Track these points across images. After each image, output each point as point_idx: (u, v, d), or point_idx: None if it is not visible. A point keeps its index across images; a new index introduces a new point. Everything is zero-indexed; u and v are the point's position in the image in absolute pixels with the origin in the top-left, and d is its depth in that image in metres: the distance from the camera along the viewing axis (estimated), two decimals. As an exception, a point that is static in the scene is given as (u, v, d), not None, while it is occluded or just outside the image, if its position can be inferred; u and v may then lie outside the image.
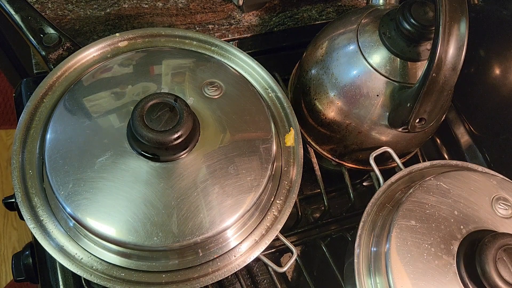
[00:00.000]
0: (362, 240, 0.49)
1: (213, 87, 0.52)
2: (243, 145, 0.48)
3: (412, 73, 0.53)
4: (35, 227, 0.46)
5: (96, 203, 0.44)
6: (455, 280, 0.42)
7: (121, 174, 0.45)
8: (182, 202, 0.44)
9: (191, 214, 0.44)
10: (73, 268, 0.45)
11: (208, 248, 0.47)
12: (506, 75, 0.69)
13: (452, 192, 0.47)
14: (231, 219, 0.45)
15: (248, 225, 0.49)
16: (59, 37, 0.55)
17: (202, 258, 0.47)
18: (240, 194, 0.46)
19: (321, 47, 0.59)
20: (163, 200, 0.44)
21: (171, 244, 0.43)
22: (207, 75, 0.52)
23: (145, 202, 0.44)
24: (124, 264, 0.46)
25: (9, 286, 0.92)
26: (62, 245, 0.46)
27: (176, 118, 0.43)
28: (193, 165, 0.46)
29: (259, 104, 0.52)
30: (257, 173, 0.47)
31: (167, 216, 0.44)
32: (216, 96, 0.51)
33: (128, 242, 0.43)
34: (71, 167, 0.45)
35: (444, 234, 0.44)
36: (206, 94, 0.51)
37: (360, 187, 0.74)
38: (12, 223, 1.37)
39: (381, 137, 0.57)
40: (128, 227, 0.43)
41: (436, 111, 0.50)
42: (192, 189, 0.45)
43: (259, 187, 0.47)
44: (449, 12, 0.44)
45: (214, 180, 0.46)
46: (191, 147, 0.47)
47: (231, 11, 0.76)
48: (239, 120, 0.50)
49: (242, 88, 0.53)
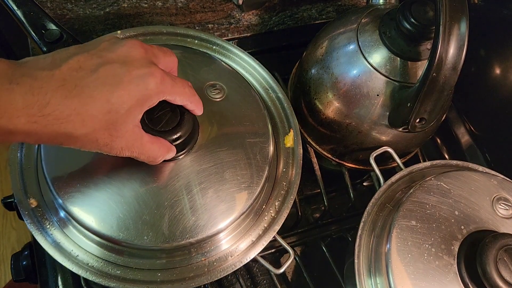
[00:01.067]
0: (363, 240, 0.49)
1: (216, 89, 0.51)
2: (240, 151, 0.48)
3: (412, 73, 0.53)
4: (31, 222, 0.46)
5: (88, 196, 0.43)
6: (456, 280, 0.42)
7: (116, 171, 0.45)
8: (175, 203, 0.44)
9: (184, 216, 0.44)
10: (68, 264, 0.45)
11: (201, 249, 0.47)
12: (506, 74, 0.69)
13: (453, 192, 0.47)
14: (223, 223, 0.45)
15: (242, 228, 0.49)
16: (60, 33, 0.54)
17: (195, 258, 0.47)
18: (234, 200, 0.46)
19: (321, 47, 0.59)
20: (156, 199, 0.44)
21: (161, 244, 0.43)
22: (210, 77, 0.52)
23: (138, 200, 0.44)
24: (114, 260, 0.46)
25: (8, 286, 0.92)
26: (59, 242, 0.46)
27: (176, 119, 0.43)
28: (190, 167, 0.46)
29: (259, 110, 0.52)
30: (252, 179, 0.47)
31: (159, 216, 0.44)
32: (218, 99, 0.51)
33: (117, 238, 0.43)
34: (67, 160, 0.45)
35: (445, 234, 0.44)
36: (208, 96, 0.51)
37: (360, 187, 0.73)
38: (11, 223, 1.37)
39: (381, 137, 0.57)
40: (118, 223, 0.43)
41: (437, 111, 0.50)
42: (186, 191, 0.45)
43: (253, 194, 0.47)
44: (450, 12, 0.44)
45: (209, 184, 0.46)
46: (188, 148, 0.46)
47: (231, 10, 0.76)
48: (238, 125, 0.50)
49: (244, 92, 0.53)
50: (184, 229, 0.44)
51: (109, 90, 0.36)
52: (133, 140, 0.39)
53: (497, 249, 0.41)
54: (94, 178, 0.44)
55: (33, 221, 0.46)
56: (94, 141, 0.37)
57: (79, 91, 0.34)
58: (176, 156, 0.46)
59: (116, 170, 0.45)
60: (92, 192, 0.44)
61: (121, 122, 0.37)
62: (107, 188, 0.44)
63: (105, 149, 0.38)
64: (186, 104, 0.43)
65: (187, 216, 0.44)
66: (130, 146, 0.39)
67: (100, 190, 0.44)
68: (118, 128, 0.37)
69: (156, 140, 0.41)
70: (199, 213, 0.44)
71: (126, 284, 0.44)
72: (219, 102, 0.51)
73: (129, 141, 0.39)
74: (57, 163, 0.45)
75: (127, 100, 0.36)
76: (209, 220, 0.44)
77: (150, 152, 0.41)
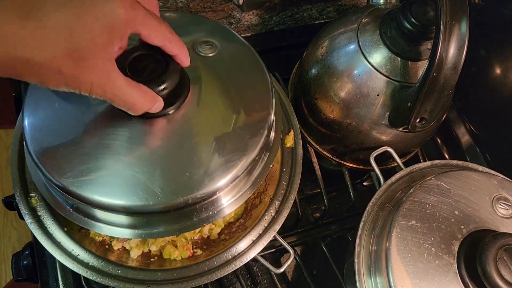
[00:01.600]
0: (363, 240, 0.49)
1: (208, 45, 0.48)
2: (238, 106, 0.44)
3: (412, 73, 0.53)
4: (32, 221, 0.46)
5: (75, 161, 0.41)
6: (456, 280, 0.42)
7: (102, 131, 0.42)
8: (168, 160, 0.41)
9: (178, 172, 0.41)
10: (69, 264, 0.45)
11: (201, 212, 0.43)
12: (507, 74, 0.69)
13: (453, 192, 0.47)
14: (221, 180, 0.41)
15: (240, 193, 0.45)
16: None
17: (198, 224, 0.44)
18: (232, 155, 0.42)
19: (322, 47, 0.59)
20: (148, 158, 0.41)
21: (155, 205, 0.40)
22: (201, 34, 0.48)
23: (126, 160, 0.41)
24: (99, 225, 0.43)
25: (9, 286, 0.92)
26: (59, 241, 0.46)
27: (161, 69, 0.40)
28: (182, 123, 0.43)
29: (258, 63, 0.48)
30: (252, 134, 0.43)
31: (150, 174, 0.40)
32: (211, 54, 0.47)
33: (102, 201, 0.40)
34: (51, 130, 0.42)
35: (445, 234, 0.44)
36: (199, 52, 0.47)
37: (361, 187, 0.73)
38: (12, 223, 1.37)
39: (381, 136, 0.57)
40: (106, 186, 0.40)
41: (437, 111, 0.50)
42: (178, 147, 0.42)
43: (253, 149, 0.43)
44: (450, 12, 0.44)
45: (203, 140, 0.42)
46: (179, 103, 0.43)
47: (231, 10, 0.76)
48: (235, 79, 0.46)
49: (239, 48, 0.49)
50: (178, 186, 0.40)
51: (70, 13, 0.33)
52: (104, 77, 0.35)
53: (497, 249, 0.41)
54: (77, 144, 0.41)
55: (34, 220, 0.46)
56: (57, 72, 0.33)
57: (36, 12, 0.32)
58: (167, 111, 0.42)
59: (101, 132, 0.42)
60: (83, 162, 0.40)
61: (86, 50, 0.34)
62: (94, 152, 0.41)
63: (73, 83, 0.34)
64: (165, 45, 0.39)
65: (182, 173, 0.41)
66: (102, 84, 0.35)
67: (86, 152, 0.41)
68: (84, 56, 0.33)
69: (135, 85, 0.38)
70: (193, 169, 0.41)
71: (127, 283, 0.44)
72: (212, 57, 0.47)
73: (100, 77, 0.35)
74: (41, 139, 0.42)
75: (90, 23, 0.33)
76: (205, 176, 0.41)
77: (127, 96, 0.37)
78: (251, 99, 0.46)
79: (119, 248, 0.50)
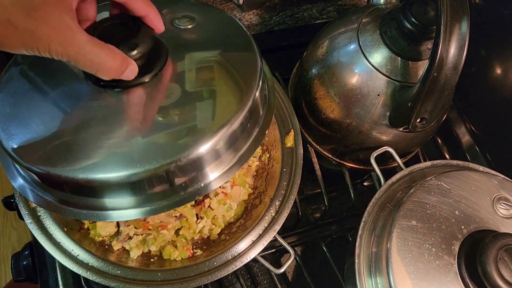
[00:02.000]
0: (363, 240, 0.49)
1: (186, 19, 0.46)
2: (220, 74, 0.42)
3: (413, 73, 0.53)
4: (32, 222, 0.46)
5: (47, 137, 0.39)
6: (456, 280, 0.42)
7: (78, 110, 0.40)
8: (148, 127, 0.39)
9: (156, 140, 0.39)
10: (69, 264, 0.45)
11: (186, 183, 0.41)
12: (507, 74, 0.69)
13: (453, 192, 0.47)
14: (203, 146, 0.38)
15: (227, 167, 0.43)
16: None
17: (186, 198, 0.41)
18: (212, 122, 0.40)
19: (322, 46, 0.59)
20: (124, 128, 0.39)
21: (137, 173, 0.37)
22: (179, 10, 0.47)
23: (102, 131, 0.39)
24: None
25: (9, 286, 0.92)
26: (59, 241, 0.46)
27: (133, 33, 0.38)
28: (160, 91, 0.41)
29: (242, 31, 0.46)
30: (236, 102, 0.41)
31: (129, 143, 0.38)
32: (190, 26, 0.46)
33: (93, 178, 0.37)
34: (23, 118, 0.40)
35: (445, 234, 0.44)
36: (176, 25, 0.46)
37: (361, 187, 0.73)
38: (11, 223, 1.37)
39: (382, 136, 0.57)
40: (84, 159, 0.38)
41: (437, 111, 0.50)
42: (159, 114, 0.40)
43: (236, 118, 0.40)
44: (450, 11, 0.44)
45: (183, 107, 0.40)
46: (156, 71, 0.41)
47: (231, 10, 0.76)
48: (217, 47, 0.45)
49: (220, 18, 0.47)
50: (159, 152, 0.38)
51: None
52: (63, 31, 0.32)
53: (498, 249, 0.41)
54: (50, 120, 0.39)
55: (34, 220, 0.46)
56: (10, 27, 0.31)
57: None
58: (143, 79, 0.40)
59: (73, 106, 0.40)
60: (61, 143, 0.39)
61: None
62: (75, 133, 0.39)
63: (30, 40, 0.32)
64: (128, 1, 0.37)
65: (163, 140, 0.39)
66: (63, 41, 0.32)
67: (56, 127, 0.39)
68: (37, 6, 0.31)
69: (102, 45, 0.35)
70: (173, 136, 0.39)
71: (127, 283, 0.44)
72: (190, 29, 0.45)
73: (58, 32, 0.32)
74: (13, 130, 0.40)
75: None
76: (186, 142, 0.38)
77: (92, 55, 0.34)
78: (235, 66, 0.44)
79: (119, 248, 0.50)
